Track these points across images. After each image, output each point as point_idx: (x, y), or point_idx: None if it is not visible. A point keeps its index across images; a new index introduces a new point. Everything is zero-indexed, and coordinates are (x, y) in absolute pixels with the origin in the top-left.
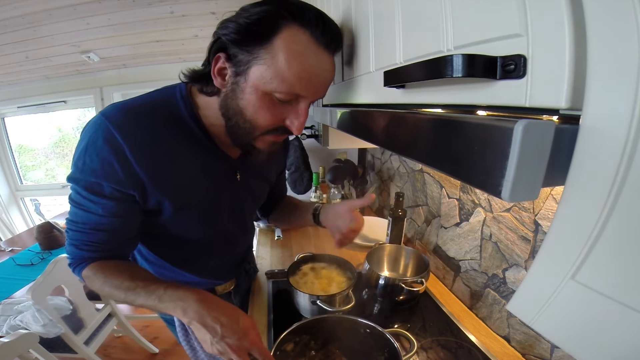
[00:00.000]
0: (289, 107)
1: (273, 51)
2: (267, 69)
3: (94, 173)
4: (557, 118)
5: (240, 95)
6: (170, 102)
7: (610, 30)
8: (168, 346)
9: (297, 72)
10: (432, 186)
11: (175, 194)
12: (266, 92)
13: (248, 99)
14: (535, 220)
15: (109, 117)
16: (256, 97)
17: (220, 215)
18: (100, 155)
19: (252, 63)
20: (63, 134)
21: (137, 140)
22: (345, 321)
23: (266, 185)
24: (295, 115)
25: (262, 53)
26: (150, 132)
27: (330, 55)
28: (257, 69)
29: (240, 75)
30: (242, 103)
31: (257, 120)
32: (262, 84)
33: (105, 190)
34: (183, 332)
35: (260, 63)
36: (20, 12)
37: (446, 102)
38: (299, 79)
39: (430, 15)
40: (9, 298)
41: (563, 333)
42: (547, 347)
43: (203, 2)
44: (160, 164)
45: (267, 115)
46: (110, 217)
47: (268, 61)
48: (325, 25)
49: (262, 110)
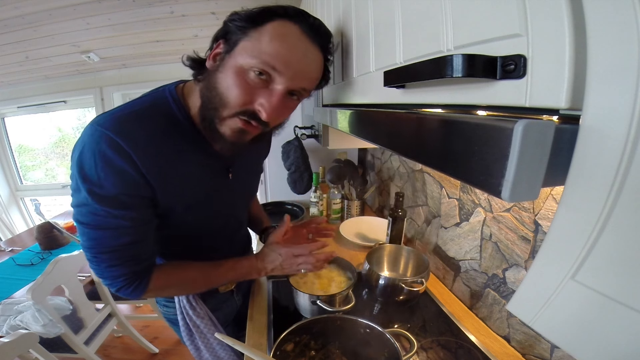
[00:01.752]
0: (262, 89)
1: (261, 31)
2: (251, 45)
3: (115, 186)
4: (557, 118)
5: (221, 69)
6: (162, 105)
7: (610, 30)
8: (168, 346)
9: (276, 47)
10: (432, 186)
11: (181, 195)
12: (243, 66)
13: (226, 72)
14: (535, 220)
15: (107, 127)
16: (232, 72)
17: (217, 214)
18: (113, 166)
19: (241, 40)
20: (63, 134)
21: (140, 147)
22: (345, 321)
23: (257, 178)
24: (267, 96)
25: (252, 32)
26: (149, 136)
27: (316, 47)
28: (242, 44)
29: (228, 53)
30: (219, 76)
31: (227, 95)
32: (242, 58)
33: (128, 200)
34: (187, 332)
35: (247, 39)
36: (20, 12)
37: (446, 102)
38: (276, 53)
39: (430, 15)
40: (9, 298)
41: (563, 333)
42: (547, 347)
43: (203, 2)
44: (164, 168)
45: (238, 91)
46: (136, 227)
47: (254, 38)
48: (315, 22)
49: (235, 86)
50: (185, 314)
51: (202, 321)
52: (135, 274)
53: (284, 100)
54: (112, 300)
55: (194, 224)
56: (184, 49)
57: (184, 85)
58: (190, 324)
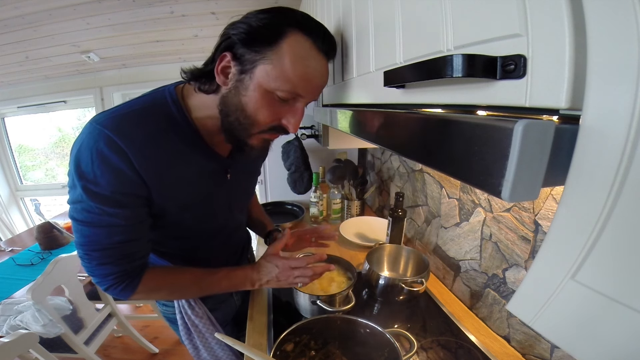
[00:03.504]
0: (286, 106)
1: (279, 52)
2: (273, 69)
3: (110, 184)
4: (557, 118)
5: (243, 92)
6: (161, 105)
7: (610, 30)
8: (168, 346)
9: (300, 73)
10: (432, 186)
11: (178, 195)
12: (269, 90)
13: (251, 95)
14: (535, 220)
15: (105, 125)
16: (259, 94)
17: (215, 214)
18: (110, 164)
19: (259, 62)
20: (63, 134)
21: (137, 146)
22: (345, 321)
23: (255, 179)
24: (292, 114)
25: (269, 54)
26: (147, 136)
27: (325, 59)
28: (263, 68)
29: (245, 74)
30: (245, 100)
31: (257, 117)
32: (267, 82)
33: (123, 199)
34: (186, 331)
35: (267, 62)
36: (20, 12)
37: (446, 102)
38: (301, 79)
39: (430, 15)
40: (9, 298)
41: (563, 333)
42: (547, 347)
43: (203, 2)
44: (161, 167)
45: (267, 113)
46: (131, 226)
47: (274, 61)
48: (325, 36)
49: (263, 107)
50: (184, 313)
51: (200, 321)
52: (125, 273)
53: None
54: (112, 300)
55: (191, 224)
56: (184, 49)
57: (183, 86)
58: (189, 323)
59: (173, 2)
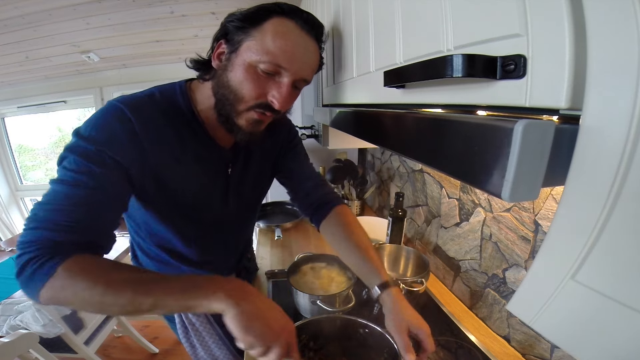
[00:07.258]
0: (271, 81)
1: (262, 30)
2: (255, 43)
3: (96, 141)
4: (557, 118)
5: (230, 69)
6: (170, 95)
7: (610, 30)
8: (168, 346)
9: (280, 44)
10: (432, 186)
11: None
12: (252, 63)
13: (236, 70)
14: (535, 220)
15: (118, 100)
16: (243, 69)
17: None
18: (107, 126)
19: (244, 40)
20: (63, 134)
21: (144, 119)
22: (345, 321)
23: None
24: (277, 88)
25: (253, 32)
26: (155, 117)
27: (313, 39)
28: (246, 44)
29: (234, 52)
30: (230, 75)
31: (241, 91)
32: (249, 56)
33: (104, 158)
34: (183, 330)
35: (250, 39)
36: (20, 12)
37: (446, 102)
38: (281, 51)
39: (430, 15)
40: (9, 298)
41: (563, 333)
42: (547, 347)
43: (203, 2)
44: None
45: (251, 86)
46: (99, 188)
47: (257, 37)
48: (308, 17)
49: (247, 80)
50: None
51: (198, 319)
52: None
53: (291, 91)
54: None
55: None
56: (184, 49)
57: (192, 81)
58: (186, 321)
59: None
